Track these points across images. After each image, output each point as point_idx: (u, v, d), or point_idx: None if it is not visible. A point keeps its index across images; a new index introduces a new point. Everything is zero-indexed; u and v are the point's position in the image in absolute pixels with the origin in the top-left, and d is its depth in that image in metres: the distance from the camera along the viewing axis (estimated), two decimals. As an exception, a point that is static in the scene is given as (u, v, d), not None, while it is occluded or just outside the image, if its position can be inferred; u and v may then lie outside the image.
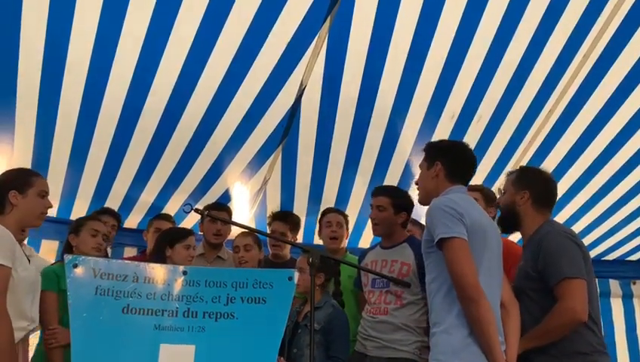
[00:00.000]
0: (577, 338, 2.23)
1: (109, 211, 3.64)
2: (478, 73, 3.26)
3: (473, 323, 2.04)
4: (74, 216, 3.82)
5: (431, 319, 2.19)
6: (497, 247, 2.27)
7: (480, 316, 2.02)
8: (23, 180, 2.42)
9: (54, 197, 3.71)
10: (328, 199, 4.16)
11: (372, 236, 4.44)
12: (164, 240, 3.03)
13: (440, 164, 2.36)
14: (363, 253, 3.18)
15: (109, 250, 4.02)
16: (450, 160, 2.37)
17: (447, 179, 2.35)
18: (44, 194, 2.47)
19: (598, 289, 3.13)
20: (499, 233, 2.37)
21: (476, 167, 2.45)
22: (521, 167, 2.68)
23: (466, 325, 2.06)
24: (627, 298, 4.83)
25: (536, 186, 2.49)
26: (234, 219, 3.78)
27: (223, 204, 3.80)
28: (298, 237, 3.96)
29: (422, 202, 2.46)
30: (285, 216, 3.81)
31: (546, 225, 2.43)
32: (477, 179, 3.22)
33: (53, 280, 2.65)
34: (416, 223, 3.46)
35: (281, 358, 2.57)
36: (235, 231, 3.52)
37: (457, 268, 2.07)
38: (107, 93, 3.10)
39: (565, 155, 3.74)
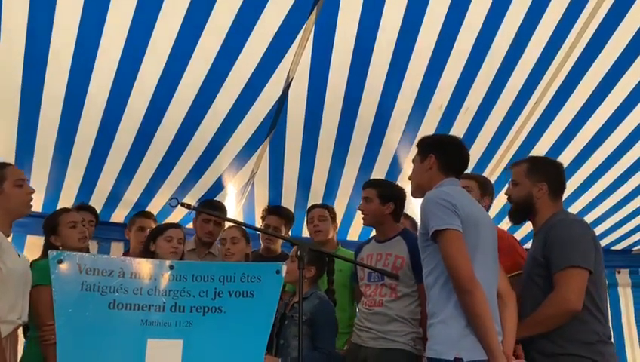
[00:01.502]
0: (583, 327, 2.22)
1: (84, 207, 3.56)
2: (466, 64, 3.26)
3: (469, 313, 2.05)
4: (59, 211, 3.77)
5: (428, 310, 2.20)
6: (492, 238, 2.28)
7: (476, 307, 2.03)
8: None
9: (39, 192, 3.67)
10: (316, 192, 4.15)
11: (360, 228, 4.46)
12: (149, 238, 3.07)
13: (434, 157, 2.36)
14: (359, 247, 3.20)
15: (95, 246, 4.01)
16: (444, 152, 2.37)
17: (440, 171, 2.35)
18: (20, 182, 2.41)
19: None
20: (492, 224, 2.37)
21: (468, 161, 2.45)
22: (532, 157, 2.60)
23: (463, 316, 2.07)
24: (612, 287, 4.91)
25: (552, 177, 2.46)
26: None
27: (216, 203, 3.77)
28: (286, 230, 3.96)
29: (414, 195, 2.47)
30: (280, 211, 3.81)
31: (559, 212, 2.42)
32: (464, 170, 3.23)
33: (48, 273, 2.58)
34: (407, 217, 3.47)
35: (267, 355, 2.57)
36: (226, 226, 3.51)
37: (452, 260, 2.07)
38: (91, 86, 3.05)
39: (552, 145, 3.77)
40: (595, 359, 2.19)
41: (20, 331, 2.56)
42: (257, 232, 3.84)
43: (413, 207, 3.44)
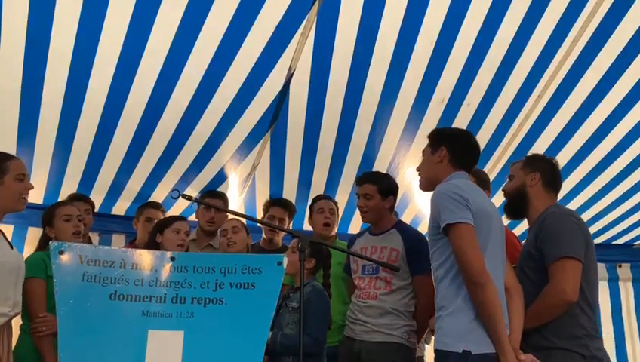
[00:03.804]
0: (571, 321, 2.23)
1: (78, 196, 3.54)
2: (468, 58, 3.25)
3: (480, 307, 2.05)
4: (61, 203, 3.77)
5: (437, 303, 2.20)
6: (500, 233, 2.29)
7: (487, 300, 2.04)
8: None
9: (40, 184, 3.68)
10: (317, 185, 4.15)
11: (362, 222, 4.45)
12: (155, 229, 3.09)
13: (445, 150, 2.35)
14: (351, 239, 3.19)
15: (96, 238, 4.02)
16: (456, 146, 2.36)
17: (450, 164, 2.34)
18: (21, 177, 2.40)
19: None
20: (501, 219, 2.37)
21: (479, 156, 2.45)
22: (528, 155, 2.68)
23: (472, 309, 2.08)
24: (613, 281, 4.91)
25: (545, 168, 2.51)
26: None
27: (218, 192, 3.78)
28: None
29: (423, 188, 2.46)
30: (285, 203, 3.82)
31: (552, 206, 2.44)
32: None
33: (41, 266, 2.59)
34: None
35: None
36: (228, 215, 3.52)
37: (464, 254, 2.07)
38: (92, 77, 3.05)
39: (553, 141, 3.76)
40: (582, 352, 2.20)
41: (16, 323, 2.57)
42: (258, 225, 3.84)
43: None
